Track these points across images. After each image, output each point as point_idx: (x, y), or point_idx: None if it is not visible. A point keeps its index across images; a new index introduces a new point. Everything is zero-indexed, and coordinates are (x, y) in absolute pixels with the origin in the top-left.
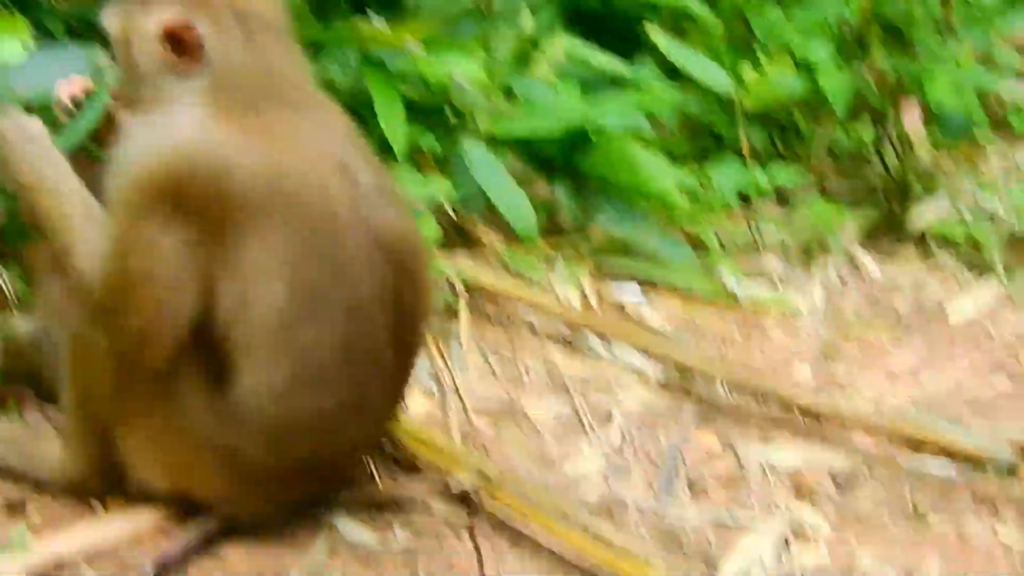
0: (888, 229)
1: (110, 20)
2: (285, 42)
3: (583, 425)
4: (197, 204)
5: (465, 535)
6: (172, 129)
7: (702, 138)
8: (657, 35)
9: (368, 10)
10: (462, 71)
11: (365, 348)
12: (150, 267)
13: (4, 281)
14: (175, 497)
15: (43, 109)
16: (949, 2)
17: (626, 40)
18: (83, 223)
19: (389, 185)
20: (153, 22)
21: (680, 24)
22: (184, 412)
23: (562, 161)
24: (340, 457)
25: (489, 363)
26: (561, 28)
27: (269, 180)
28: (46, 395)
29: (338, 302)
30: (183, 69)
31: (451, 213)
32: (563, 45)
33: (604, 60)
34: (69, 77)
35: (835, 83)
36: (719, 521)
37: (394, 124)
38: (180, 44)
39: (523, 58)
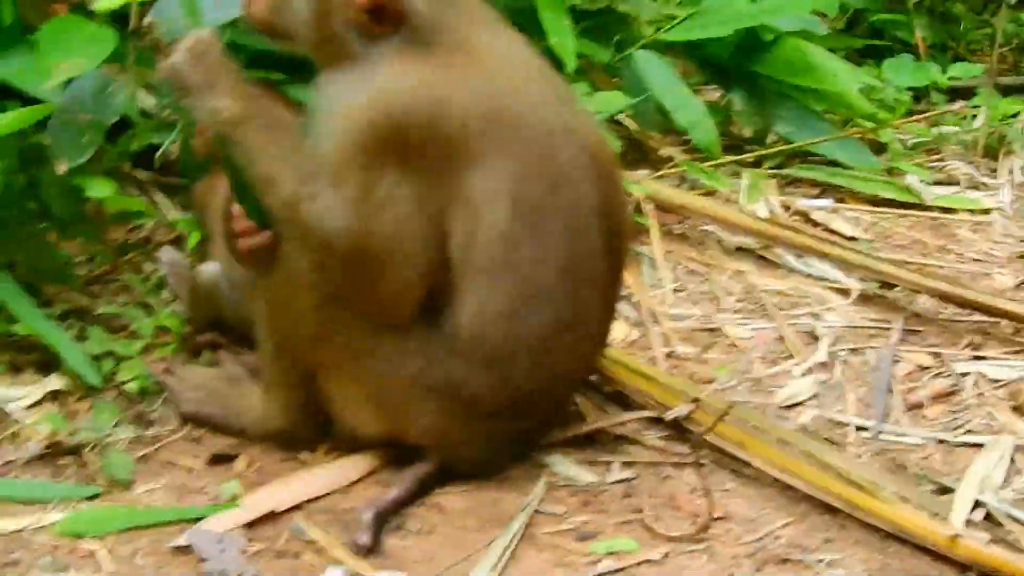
0: None
1: None
2: None
3: (788, 345)
4: (420, 148)
5: (686, 467)
6: (379, 81)
7: (866, 35)
8: None
9: None
10: None
11: (584, 262)
12: (395, 226)
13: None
14: (387, 442)
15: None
16: None
17: None
18: (306, 175)
19: (576, 99)
20: None
21: None
22: (396, 352)
23: (735, 66)
24: (559, 383)
25: (684, 284)
26: None
27: (481, 109)
28: (237, 339)
29: (558, 215)
30: (381, 34)
31: (628, 127)
32: None
33: None
34: None
35: None
36: (941, 440)
37: (562, 36)
38: (382, 13)
39: None
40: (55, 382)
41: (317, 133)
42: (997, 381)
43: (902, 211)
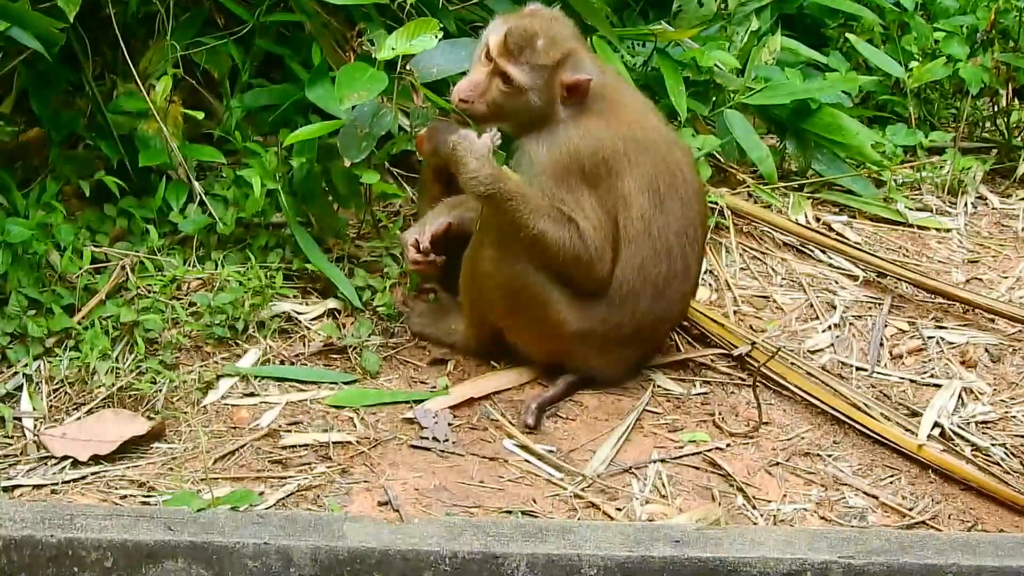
0: (1004, 174)
1: (526, 74)
2: (601, 61)
3: (815, 310)
4: (593, 170)
5: (744, 387)
6: (562, 137)
7: (874, 109)
8: (853, 38)
9: (650, 14)
10: (721, 58)
11: (690, 229)
12: (598, 222)
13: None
14: (550, 362)
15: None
16: None
17: (816, 36)
18: (543, 213)
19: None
20: (566, 77)
21: (851, 25)
22: (560, 316)
23: (789, 123)
24: (666, 318)
25: (748, 265)
26: (774, 27)
27: (626, 141)
28: (449, 287)
29: (676, 197)
30: (571, 103)
31: (717, 159)
32: (779, 41)
33: (809, 52)
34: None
35: (970, 72)
36: (913, 380)
37: (679, 98)
38: (576, 90)
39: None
40: (332, 303)
41: (530, 176)
42: (952, 343)
43: (893, 227)
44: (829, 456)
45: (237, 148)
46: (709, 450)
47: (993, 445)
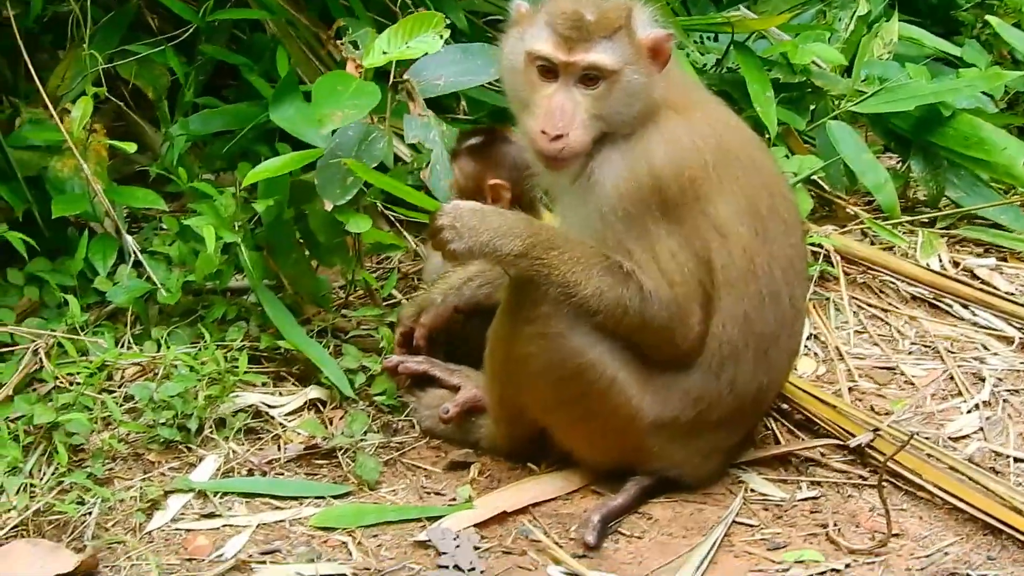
0: None
1: (611, 51)
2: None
3: (957, 384)
4: (679, 199)
5: (866, 488)
6: (644, 148)
7: None
8: (995, 21)
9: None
10: (820, 53)
11: (797, 262)
12: (682, 275)
13: None
14: (618, 470)
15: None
16: None
17: (944, 20)
18: (602, 269)
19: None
20: (644, 38)
21: (991, 5)
22: (632, 407)
23: (914, 137)
24: (769, 387)
25: (865, 327)
26: (889, 11)
27: (713, 150)
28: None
29: (778, 219)
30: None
31: (819, 187)
32: (896, 28)
33: (936, 42)
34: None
35: None
36: None
37: (767, 107)
38: (660, 52)
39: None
40: (314, 392)
41: (593, 214)
42: None
43: None
44: None
45: (182, 190)
46: (823, 573)
47: None
